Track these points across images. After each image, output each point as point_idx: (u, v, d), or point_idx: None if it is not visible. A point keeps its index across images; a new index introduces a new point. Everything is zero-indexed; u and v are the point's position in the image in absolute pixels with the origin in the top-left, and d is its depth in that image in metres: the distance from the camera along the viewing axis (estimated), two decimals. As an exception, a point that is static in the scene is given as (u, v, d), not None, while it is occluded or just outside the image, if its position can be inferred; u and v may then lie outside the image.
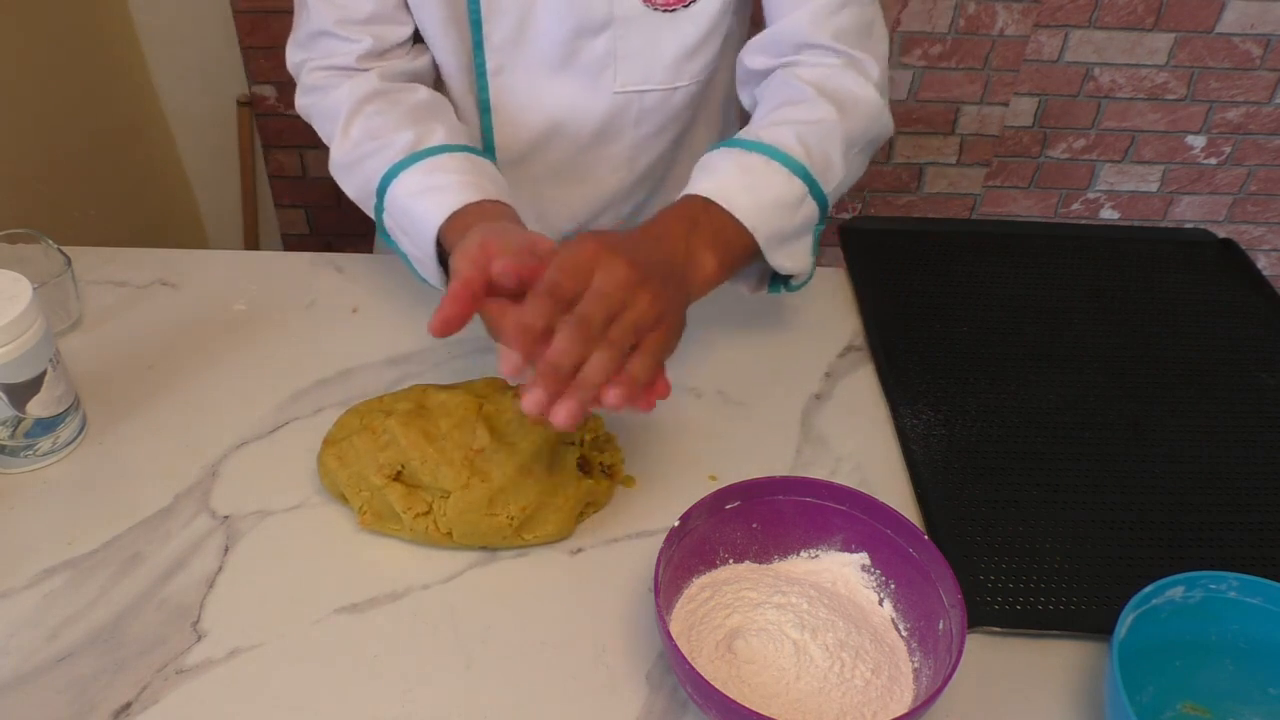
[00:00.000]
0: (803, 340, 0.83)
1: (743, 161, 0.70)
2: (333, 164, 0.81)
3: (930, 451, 0.73)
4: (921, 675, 0.56)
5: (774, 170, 0.69)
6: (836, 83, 0.76)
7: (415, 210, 0.72)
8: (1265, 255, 2.15)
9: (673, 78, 0.85)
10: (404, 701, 0.57)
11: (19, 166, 1.37)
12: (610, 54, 0.82)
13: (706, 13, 0.81)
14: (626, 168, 0.92)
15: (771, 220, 0.68)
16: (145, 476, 0.69)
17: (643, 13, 0.80)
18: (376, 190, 0.76)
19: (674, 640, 0.53)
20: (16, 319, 0.63)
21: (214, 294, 0.86)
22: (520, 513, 0.63)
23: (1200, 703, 0.57)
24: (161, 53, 1.70)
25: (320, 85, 0.82)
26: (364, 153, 0.77)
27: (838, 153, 0.73)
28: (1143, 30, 1.80)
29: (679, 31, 0.82)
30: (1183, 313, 0.87)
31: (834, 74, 0.77)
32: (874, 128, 0.78)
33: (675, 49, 0.83)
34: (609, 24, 0.81)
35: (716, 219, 0.67)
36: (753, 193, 0.68)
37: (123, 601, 0.61)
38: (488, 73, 0.85)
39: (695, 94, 0.88)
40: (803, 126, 0.72)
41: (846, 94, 0.76)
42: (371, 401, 0.70)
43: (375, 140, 0.77)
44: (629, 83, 0.84)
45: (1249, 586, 0.56)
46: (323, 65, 0.82)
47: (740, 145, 0.71)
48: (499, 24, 0.81)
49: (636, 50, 0.82)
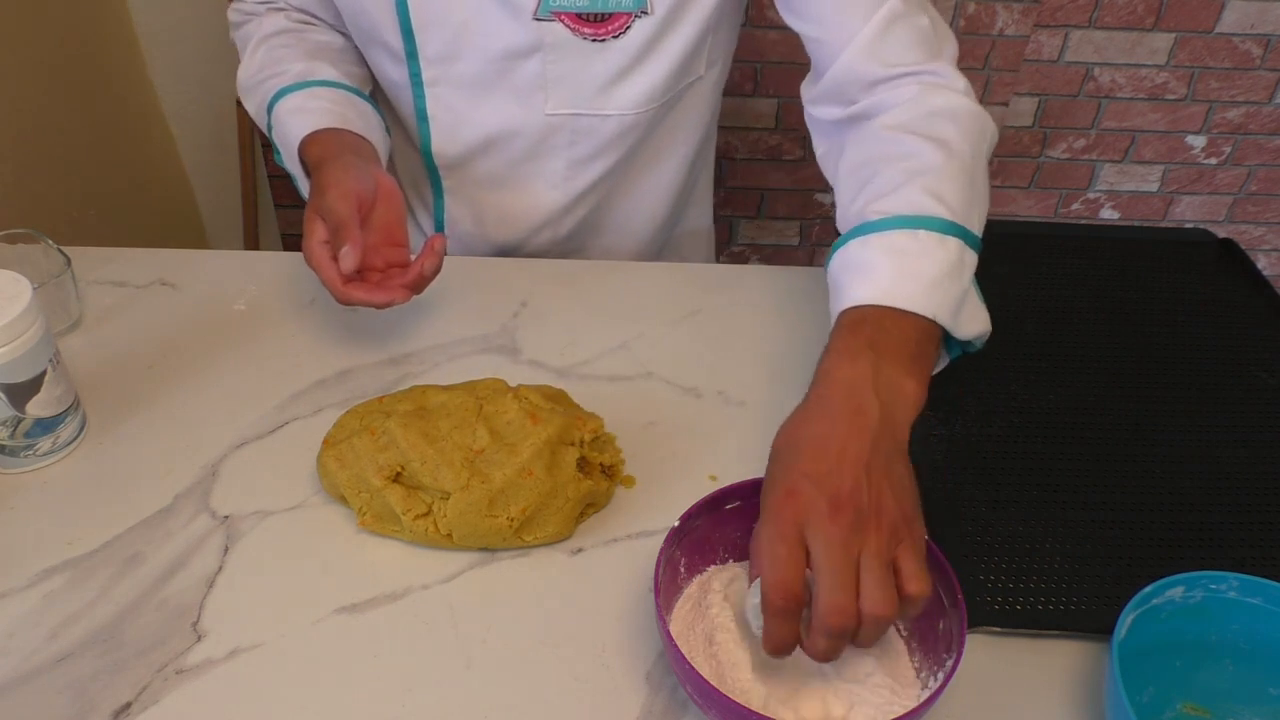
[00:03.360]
0: (803, 340, 0.83)
1: (889, 245, 0.62)
2: (238, 84, 0.91)
3: (930, 451, 0.73)
4: (921, 675, 0.56)
5: (924, 240, 0.62)
6: (924, 111, 0.70)
7: (288, 124, 0.82)
8: (1265, 255, 2.15)
9: (603, 104, 0.85)
10: (404, 701, 0.57)
11: (19, 166, 1.37)
12: (541, 76, 0.83)
13: (635, 43, 0.81)
14: (563, 186, 0.92)
15: (946, 294, 0.61)
16: (145, 476, 0.69)
17: (570, 40, 0.81)
18: (267, 107, 0.86)
19: (674, 640, 0.53)
20: (16, 319, 0.63)
21: (214, 294, 0.86)
22: (520, 514, 0.63)
23: (1200, 703, 0.57)
24: (161, 53, 1.70)
25: (242, 21, 0.94)
26: (263, 76, 0.87)
27: (968, 185, 0.66)
28: (1143, 30, 1.80)
29: (608, 60, 0.82)
30: (1183, 313, 0.87)
31: (916, 105, 0.71)
32: (983, 138, 0.72)
33: (604, 76, 0.83)
34: (538, 48, 0.81)
35: (893, 327, 0.59)
36: (916, 276, 0.61)
37: (123, 601, 0.61)
38: (424, 83, 0.86)
39: (632, 124, 0.87)
40: (924, 178, 0.65)
41: (943, 118, 0.70)
42: (371, 402, 0.70)
43: (275, 65, 0.87)
44: (560, 106, 0.85)
45: (1249, 586, 0.56)
46: (247, 6, 0.94)
47: (875, 229, 0.64)
48: (431, 37, 0.83)
49: (566, 75, 0.83)
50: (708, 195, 1.07)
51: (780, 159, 1.93)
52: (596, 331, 0.83)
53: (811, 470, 0.52)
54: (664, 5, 0.80)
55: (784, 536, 0.50)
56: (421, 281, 0.74)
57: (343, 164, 0.75)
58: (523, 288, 0.88)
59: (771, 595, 0.49)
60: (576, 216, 0.96)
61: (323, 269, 0.72)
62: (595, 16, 0.79)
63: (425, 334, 0.82)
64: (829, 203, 2.02)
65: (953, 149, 0.68)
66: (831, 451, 0.53)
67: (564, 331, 0.83)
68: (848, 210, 0.69)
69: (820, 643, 0.49)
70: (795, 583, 0.49)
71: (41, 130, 1.42)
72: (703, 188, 1.05)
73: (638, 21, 0.80)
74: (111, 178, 1.62)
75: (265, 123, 0.87)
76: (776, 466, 0.54)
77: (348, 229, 0.71)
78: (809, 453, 0.53)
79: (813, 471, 0.52)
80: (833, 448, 0.53)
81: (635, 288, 0.89)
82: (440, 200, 0.96)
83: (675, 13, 0.81)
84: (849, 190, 0.70)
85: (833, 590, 0.48)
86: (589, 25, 0.79)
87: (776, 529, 0.51)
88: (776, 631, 0.50)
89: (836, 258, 0.66)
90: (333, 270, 0.72)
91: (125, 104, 1.66)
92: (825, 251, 0.79)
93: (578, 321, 0.84)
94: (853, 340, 0.59)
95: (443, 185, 0.95)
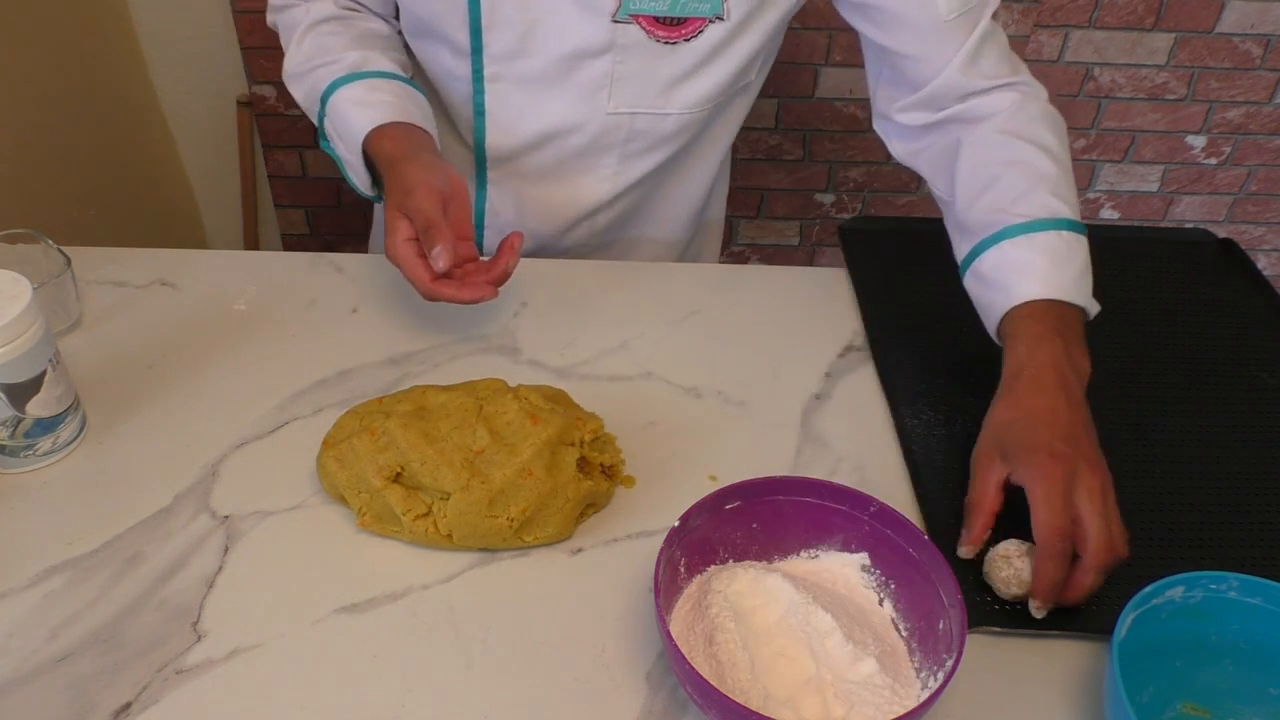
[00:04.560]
0: (803, 340, 0.83)
1: (1043, 246, 0.72)
2: (285, 72, 0.90)
3: (930, 451, 0.73)
4: (921, 675, 0.56)
5: (1068, 241, 0.73)
6: (1027, 118, 0.79)
7: (351, 116, 0.82)
8: (1265, 255, 2.15)
9: (665, 103, 0.86)
10: (404, 701, 0.57)
11: (19, 166, 1.37)
12: (607, 76, 0.84)
13: (706, 44, 0.82)
14: (610, 182, 0.92)
15: (1087, 284, 0.73)
16: (145, 476, 0.69)
17: (644, 41, 0.81)
18: (321, 97, 0.85)
19: (674, 640, 0.53)
20: (16, 319, 0.63)
21: (214, 294, 0.86)
22: (520, 514, 0.63)
23: (1200, 703, 0.57)
24: (161, 53, 1.70)
25: (284, 5, 0.92)
26: (314, 64, 0.86)
27: (1072, 185, 0.77)
28: (1143, 30, 1.80)
29: (677, 62, 0.83)
30: (1183, 313, 0.87)
31: (1020, 112, 0.80)
32: (1066, 136, 0.81)
33: (670, 77, 0.84)
34: (609, 48, 0.81)
35: (1066, 315, 0.70)
36: (1071, 273, 0.72)
37: (123, 601, 0.61)
38: (485, 79, 0.86)
39: (688, 123, 0.88)
40: (1047, 183, 0.75)
41: (1042, 124, 0.79)
42: (371, 403, 0.70)
43: (326, 54, 0.86)
44: (622, 105, 0.86)
45: (1249, 586, 0.56)
46: None
47: (1024, 231, 0.73)
48: (499, 35, 0.83)
49: (633, 75, 0.84)
50: (725, 187, 1.09)
51: (780, 159, 1.93)
52: (596, 331, 0.83)
53: (1059, 436, 0.63)
54: (739, 11, 0.81)
55: (1058, 491, 0.60)
56: (504, 278, 0.76)
57: (422, 163, 0.77)
58: (523, 288, 0.88)
59: (1052, 539, 0.59)
60: (617, 210, 0.96)
61: (411, 267, 0.74)
62: (673, 20, 0.80)
63: (425, 334, 0.82)
64: (829, 203, 2.02)
65: (1056, 154, 0.78)
66: (1063, 421, 0.64)
67: (564, 331, 0.83)
68: (973, 205, 0.78)
69: (1090, 579, 0.59)
70: (1070, 527, 0.59)
71: (41, 130, 1.43)
72: (723, 181, 1.07)
73: (711, 26, 0.81)
74: (111, 178, 1.62)
75: (317, 111, 0.87)
76: (1015, 434, 0.64)
77: (438, 228, 0.73)
78: (1045, 421, 0.64)
79: (1061, 438, 0.63)
80: (1062, 418, 0.64)
81: (635, 288, 0.89)
82: (484, 191, 0.96)
83: (749, 19, 0.82)
84: (971, 189, 0.79)
85: (1103, 531, 0.59)
86: (664, 28, 0.80)
87: (1050, 484, 0.60)
88: (1054, 572, 0.59)
89: (990, 256, 0.74)
90: (421, 268, 0.73)
91: (125, 104, 1.66)
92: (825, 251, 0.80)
93: (578, 321, 0.84)
94: (1041, 328, 0.69)
95: (488, 176, 0.94)
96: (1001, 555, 0.61)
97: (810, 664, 0.55)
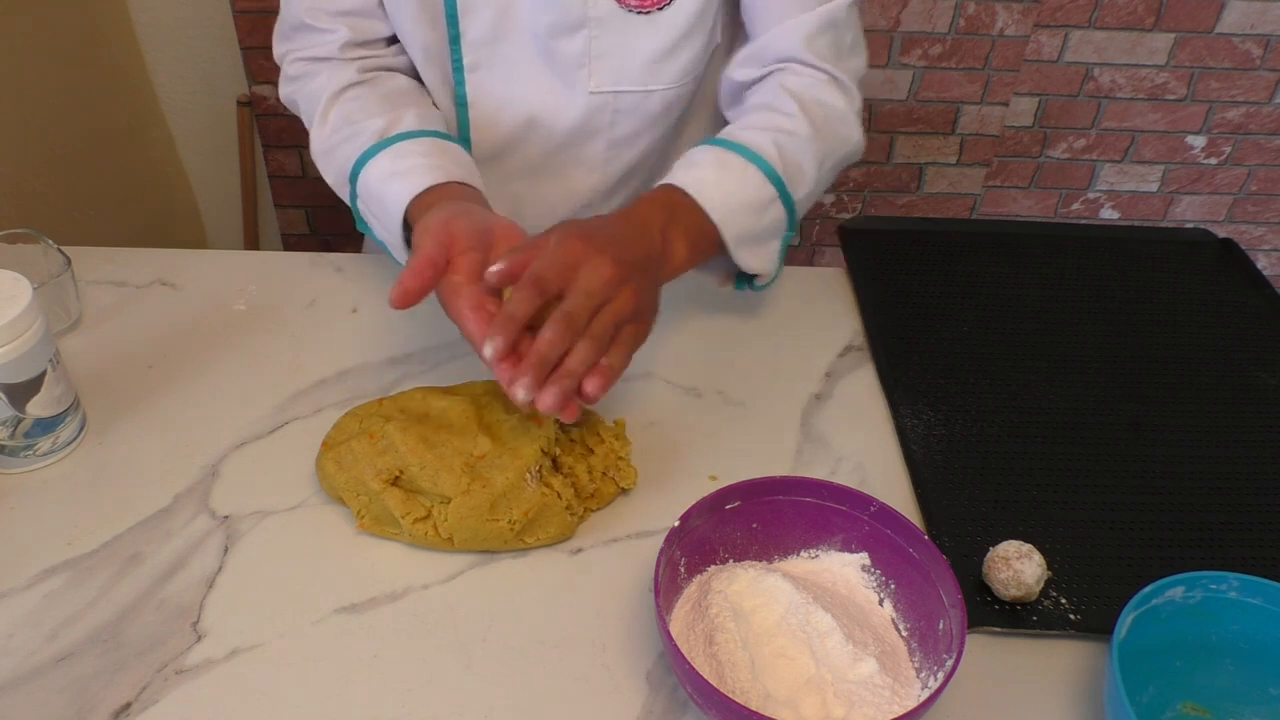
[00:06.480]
0: (803, 340, 0.83)
1: (722, 159, 0.74)
2: (313, 151, 0.85)
3: (930, 451, 0.73)
4: (921, 675, 0.56)
5: (749, 172, 0.73)
6: (817, 97, 0.80)
7: (383, 194, 0.75)
8: (1265, 255, 2.16)
9: (647, 80, 0.85)
10: (404, 701, 0.57)
11: (19, 166, 1.37)
12: (585, 53, 0.83)
13: (683, 15, 0.81)
14: (602, 170, 0.92)
15: (740, 220, 0.73)
16: (145, 476, 0.69)
17: (617, 13, 0.80)
18: (349, 177, 0.79)
19: (674, 640, 0.53)
20: (16, 319, 0.63)
21: (214, 294, 0.86)
22: (522, 516, 0.63)
23: (1200, 703, 0.57)
24: (161, 53, 1.70)
25: (301, 74, 0.86)
26: (340, 139, 0.81)
27: (811, 165, 0.78)
28: (1143, 30, 1.80)
29: (655, 34, 0.82)
30: (1183, 313, 0.87)
31: (817, 87, 0.81)
32: (846, 148, 0.82)
33: (651, 51, 0.83)
34: (584, 23, 0.81)
35: (691, 211, 0.71)
36: (725, 191, 0.72)
37: (122, 601, 0.61)
38: (464, 68, 0.85)
39: (673, 100, 0.88)
40: (781, 135, 0.76)
41: (827, 110, 0.80)
42: (370, 405, 0.70)
43: (350, 126, 0.80)
44: (604, 83, 0.85)
45: (1249, 586, 0.56)
46: (304, 56, 0.85)
47: (722, 144, 0.75)
48: (475, 20, 0.82)
49: (612, 50, 0.83)
50: None
51: (780, 159, 1.93)
52: (596, 331, 0.83)
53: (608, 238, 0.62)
54: None
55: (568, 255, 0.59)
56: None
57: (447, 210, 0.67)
58: (523, 288, 0.87)
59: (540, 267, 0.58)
60: (612, 204, 0.96)
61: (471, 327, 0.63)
62: None
63: (425, 334, 0.82)
64: (829, 202, 2.02)
65: (816, 134, 0.78)
66: (622, 239, 0.63)
67: (564, 331, 0.83)
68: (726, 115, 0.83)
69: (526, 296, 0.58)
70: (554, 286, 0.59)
71: (41, 130, 1.43)
72: None
73: None
74: (111, 178, 1.62)
75: (349, 194, 0.81)
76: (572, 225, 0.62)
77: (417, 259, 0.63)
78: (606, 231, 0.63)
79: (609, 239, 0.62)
80: (626, 238, 0.64)
81: (635, 288, 0.89)
82: None
83: None
84: (732, 118, 0.84)
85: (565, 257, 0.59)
86: None
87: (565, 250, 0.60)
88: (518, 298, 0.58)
89: (686, 152, 0.76)
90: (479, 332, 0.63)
91: (125, 104, 1.67)
92: (825, 251, 0.80)
93: (578, 321, 0.84)
94: (659, 199, 0.71)
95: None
96: (1001, 556, 0.61)
97: (810, 664, 0.55)
